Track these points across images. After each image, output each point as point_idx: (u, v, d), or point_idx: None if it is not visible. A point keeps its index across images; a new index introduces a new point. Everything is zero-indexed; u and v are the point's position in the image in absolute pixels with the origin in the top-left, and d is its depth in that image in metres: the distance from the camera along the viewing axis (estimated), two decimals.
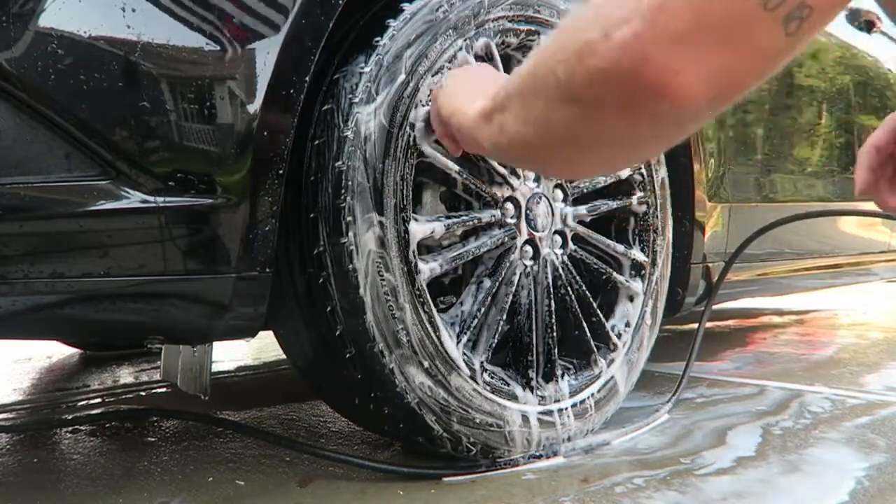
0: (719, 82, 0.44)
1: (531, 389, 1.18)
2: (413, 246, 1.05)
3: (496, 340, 1.17)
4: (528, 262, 1.21)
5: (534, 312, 1.21)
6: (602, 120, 0.51)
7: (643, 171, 1.39)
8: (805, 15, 0.41)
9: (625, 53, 0.44)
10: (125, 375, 2.08)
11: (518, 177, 1.19)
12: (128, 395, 1.79)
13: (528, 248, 1.22)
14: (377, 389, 1.05)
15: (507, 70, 1.19)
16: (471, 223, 1.14)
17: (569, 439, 1.23)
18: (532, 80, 0.56)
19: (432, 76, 1.07)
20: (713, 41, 0.43)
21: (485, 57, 1.15)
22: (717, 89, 0.45)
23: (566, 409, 1.22)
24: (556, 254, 1.26)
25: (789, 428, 1.34)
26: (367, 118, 1.01)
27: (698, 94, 0.44)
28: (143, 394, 1.81)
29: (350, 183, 1.00)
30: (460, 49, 1.10)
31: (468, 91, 0.85)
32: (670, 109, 0.46)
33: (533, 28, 1.20)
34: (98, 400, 1.74)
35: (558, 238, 1.27)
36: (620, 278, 1.35)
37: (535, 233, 1.21)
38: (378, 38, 1.05)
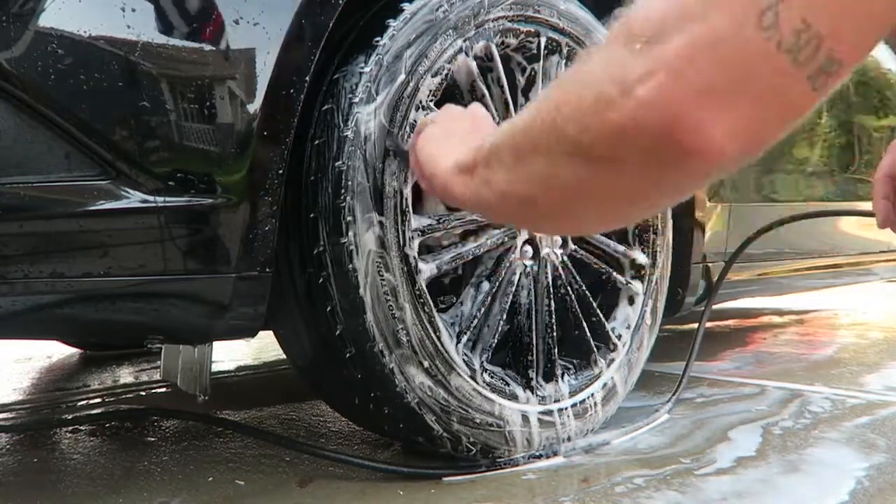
0: (748, 136, 0.44)
1: (531, 389, 1.18)
2: (413, 246, 1.05)
3: (496, 340, 1.16)
4: (528, 262, 1.21)
5: (534, 312, 1.21)
6: (619, 177, 0.48)
7: None
8: (833, 70, 0.41)
9: (651, 109, 0.43)
10: (125, 375, 2.08)
11: None
12: (128, 395, 1.78)
13: (528, 248, 1.21)
14: (377, 389, 1.05)
15: (507, 70, 1.19)
16: (471, 223, 1.14)
17: (569, 439, 1.23)
18: (531, 136, 0.53)
19: (432, 76, 1.07)
20: (743, 96, 0.42)
21: (484, 58, 1.15)
22: (745, 143, 0.44)
23: (566, 408, 1.22)
24: (555, 254, 1.26)
25: (789, 428, 1.34)
26: (367, 118, 1.01)
27: (728, 148, 0.43)
28: (143, 394, 1.81)
29: (350, 183, 1.00)
30: (460, 50, 1.10)
31: (451, 137, 0.81)
32: (698, 165, 0.45)
33: (533, 28, 1.20)
34: (98, 400, 1.74)
35: (558, 238, 1.27)
36: (620, 278, 1.35)
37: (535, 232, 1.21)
38: (378, 38, 1.05)
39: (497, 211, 0.67)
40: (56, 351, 2.52)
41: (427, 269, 1.07)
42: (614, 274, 1.34)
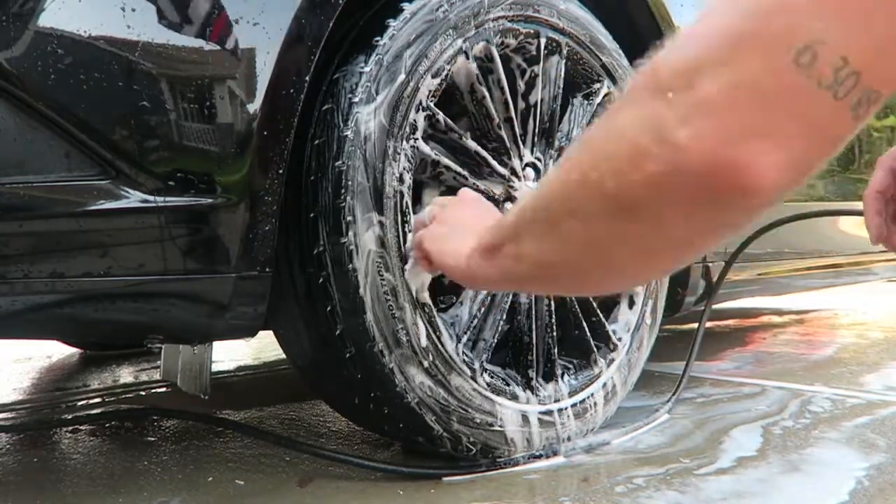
0: (796, 168, 0.44)
1: (531, 389, 1.18)
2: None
3: (496, 340, 1.16)
4: None
5: (534, 312, 1.21)
6: (662, 225, 0.48)
7: None
8: (873, 98, 0.42)
9: (692, 155, 0.43)
10: (125, 375, 2.08)
11: (518, 177, 1.20)
12: (128, 395, 1.79)
13: None
14: (377, 389, 1.05)
15: (507, 71, 1.19)
16: None
17: (569, 439, 1.23)
18: (563, 200, 0.53)
19: (432, 77, 1.07)
20: (787, 132, 0.42)
21: (484, 59, 1.15)
22: (793, 175, 0.44)
23: (566, 408, 1.22)
24: None
25: (789, 427, 1.34)
26: (367, 118, 1.01)
27: (776, 182, 0.43)
28: (143, 394, 1.81)
29: (350, 183, 1.00)
30: (460, 50, 1.10)
31: (456, 230, 0.82)
32: (746, 202, 0.44)
33: (532, 28, 1.20)
34: (98, 400, 1.74)
35: None
36: None
37: None
38: (378, 38, 1.05)
39: (533, 281, 0.67)
40: (56, 351, 2.52)
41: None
42: None
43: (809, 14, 0.40)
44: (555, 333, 1.23)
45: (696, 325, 1.60)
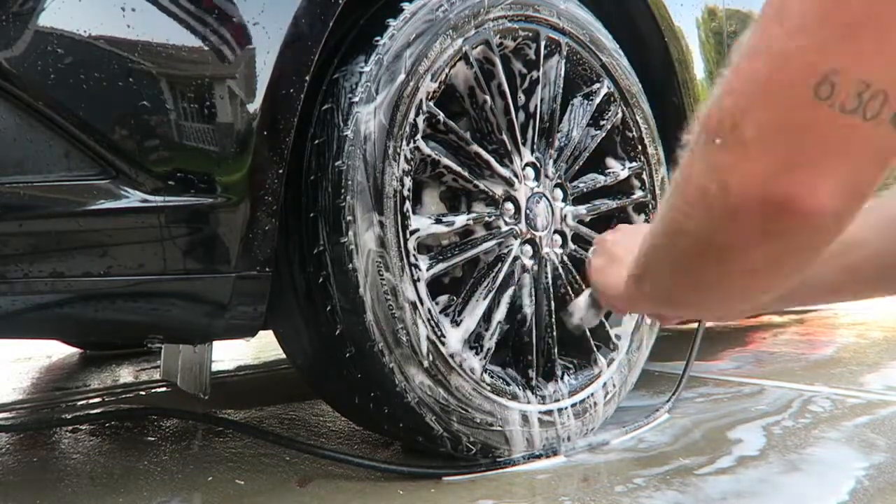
0: (846, 192, 0.46)
1: (531, 389, 1.18)
2: (413, 245, 1.05)
3: (496, 340, 1.16)
4: (528, 262, 1.21)
5: (534, 312, 1.21)
6: (748, 255, 0.52)
7: (643, 169, 1.39)
8: None
9: (746, 195, 0.47)
10: (125, 375, 2.08)
11: (518, 177, 1.19)
12: (128, 395, 1.79)
13: (528, 248, 1.22)
14: (377, 389, 1.05)
15: (507, 71, 1.19)
16: (471, 222, 1.14)
17: (569, 439, 1.23)
18: (662, 248, 0.60)
19: (432, 77, 1.07)
20: (827, 160, 0.45)
21: (483, 60, 1.15)
22: (846, 198, 0.47)
23: (566, 408, 1.22)
24: (555, 253, 1.26)
25: (789, 427, 1.34)
26: (367, 118, 1.01)
27: (828, 208, 0.46)
28: (143, 393, 1.81)
29: (350, 182, 1.00)
30: (460, 50, 1.10)
31: (614, 260, 0.89)
32: (807, 227, 0.48)
33: (532, 28, 1.20)
34: (98, 400, 1.74)
35: (558, 237, 1.27)
36: None
37: (534, 232, 1.21)
38: (378, 38, 1.05)
39: (671, 308, 0.77)
40: (56, 351, 2.52)
41: (427, 268, 1.07)
42: None
43: (821, 49, 0.42)
44: (555, 333, 1.23)
45: (696, 325, 1.60)
